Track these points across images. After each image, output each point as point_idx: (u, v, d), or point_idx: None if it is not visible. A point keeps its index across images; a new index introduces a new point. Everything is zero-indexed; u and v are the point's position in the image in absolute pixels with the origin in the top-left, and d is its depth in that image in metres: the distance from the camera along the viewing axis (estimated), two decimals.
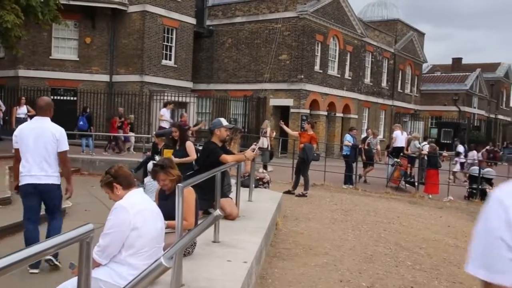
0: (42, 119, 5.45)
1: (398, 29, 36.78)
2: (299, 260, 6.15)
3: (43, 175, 5.35)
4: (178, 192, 3.74)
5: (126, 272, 3.37)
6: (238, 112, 26.70)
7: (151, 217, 3.56)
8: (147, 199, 3.74)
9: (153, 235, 3.52)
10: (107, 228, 3.42)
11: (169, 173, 4.61)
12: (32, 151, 5.33)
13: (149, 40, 23.69)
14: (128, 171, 3.84)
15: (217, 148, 6.49)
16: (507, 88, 54.68)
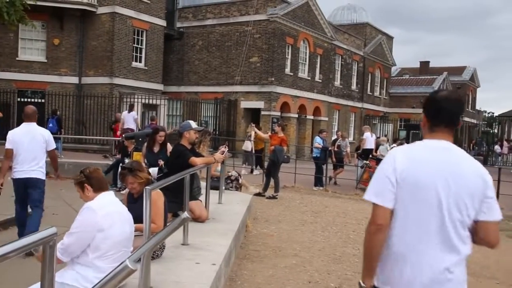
0: (30, 124, 6.46)
1: (367, 33, 37.32)
2: (269, 262, 6.19)
3: (32, 170, 6.35)
4: (145, 195, 3.74)
5: (92, 275, 3.35)
6: (209, 115, 26.65)
7: (119, 220, 3.55)
8: (117, 202, 3.72)
9: (120, 238, 3.51)
10: (73, 227, 3.42)
11: (137, 176, 4.57)
12: (25, 151, 6.32)
13: (119, 42, 23.45)
14: (103, 175, 3.84)
15: (186, 150, 6.45)
16: (472, 91, 55.99)
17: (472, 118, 54.21)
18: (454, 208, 2.32)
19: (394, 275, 2.36)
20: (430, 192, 2.31)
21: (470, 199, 2.34)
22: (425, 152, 2.41)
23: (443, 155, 2.40)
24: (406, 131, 38.14)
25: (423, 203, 2.32)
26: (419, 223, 2.33)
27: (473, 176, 2.37)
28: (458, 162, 2.39)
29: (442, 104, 2.50)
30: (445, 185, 2.31)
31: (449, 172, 2.34)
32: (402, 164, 2.34)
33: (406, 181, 2.32)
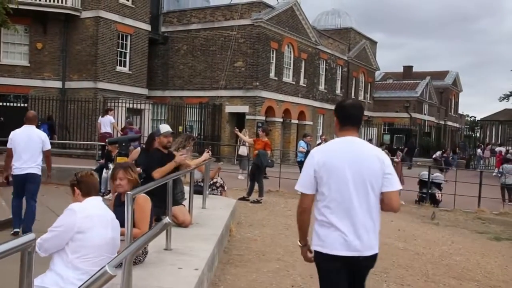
0: (30, 127, 7.53)
1: (351, 38, 37.60)
2: (252, 266, 6.21)
3: (30, 166, 7.36)
4: (127, 199, 3.74)
5: (72, 275, 3.40)
6: (194, 119, 26.60)
7: (100, 224, 3.56)
8: (102, 207, 3.74)
9: (101, 242, 3.53)
10: (53, 225, 3.52)
11: (129, 172, 4.58)
12: (24, 150, 7.33)
13: (103, 46, 23.33)
14: (94, 181, 3.88)
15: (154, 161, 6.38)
16: (455, 95, 56.67)
17: (454, 122, 54.85)
18: (361, 183, 3.17)
19: (327, 237, 3.19)
20: (341, 172, 3.17)
21: (373, 177, 3.19)
22: (337, 145, 3.30)
23: (350, 146, 3.25)
24: (390, 135, 38.44)
25: (339, 180, 3.17)
26: (337, 200, 3.17)
27: (374, 159, 3.23)
28: (362, 150, 3.26)
29: (349, 109, 3.37)
30: (352, 166, 3.16)
31: (354, 157, 3.20)
32: (319, 157, 3.22)
33: (323, 168, 3.18)
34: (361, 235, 3.14)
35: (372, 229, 3.19)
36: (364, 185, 3.16)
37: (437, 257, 8.47)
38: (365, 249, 3.17)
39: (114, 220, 3.75)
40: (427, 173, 16.67)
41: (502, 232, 12.28)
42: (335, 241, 3.14)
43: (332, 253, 3.16)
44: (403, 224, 11.68)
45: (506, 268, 8.64)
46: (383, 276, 6.66)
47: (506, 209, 15.94)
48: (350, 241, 3.12)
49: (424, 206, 15.65)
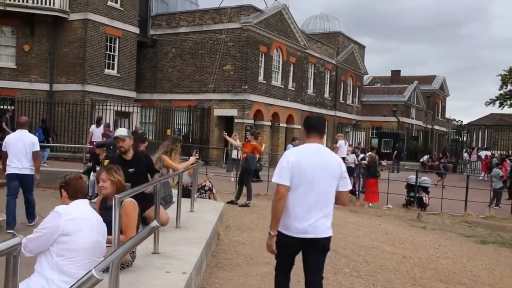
0: (22, 131, 8.35)
1: (340, 42, 37.79)
2: (240, 270, 6.20)
3: (23, 167, 8.15)
4: (115, 203, 3.72)
5: (58, 278, 3.38)
6: (183, 122, 26.55)
7: (87, 227, 3.54)
8: (88, 210, 3.72)
9: (86, 245, 3.51)
10: (38, 226, 3.52)
11: (112, 174, 4.52)
12: (18, 152, 8.12)
13: (91, 48, 23.22)
14: (82, 184, 3.86)
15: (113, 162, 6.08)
16: (442, 99, 57.14)
17: (442, 126, 55.27)
18: (324, 183, 4.03)
19: (290, 223, 4.04)
20: (308, 172, 3.99)
21: (333, 178, 4.07)
22: (306, 149, 4.15)
23: (318, 152, 4.12)
24: (378, 138, 38.67)
25: (305, 180, 3.99)
26: (304, 194, 4.00)
27: (334, 164, 4.11)
28: (326, 157, 4.13)
29: (313, 121, 4.32)
30: (317, 168, 4.01)
31: (320, 161, 4.05)
32: (292, 158, 4.03)
33: (295, 167, 3.99)
34: (317, 221, 4.03)
35: (327, 218, 4.11)
36: (325, 184, 4.06)
37: (424, 261, 8.52)
38: (321, 233, 4.06)
39: (100, 224, 3.73)
40: (414, 177, 16.77)
41: (488, 236, 12.39)
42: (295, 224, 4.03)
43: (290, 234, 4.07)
44: (391, 227, 11.74)
45: (492, 271, 8.72)
46: (370, 279, 6.69)
47: (492, 212, 16.09)
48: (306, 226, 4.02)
49: (412, 210, 15.74)
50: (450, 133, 52.82)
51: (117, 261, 2.78)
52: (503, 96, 28.85)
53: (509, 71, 28.03)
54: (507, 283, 8.08)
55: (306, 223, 4.00)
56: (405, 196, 16.82)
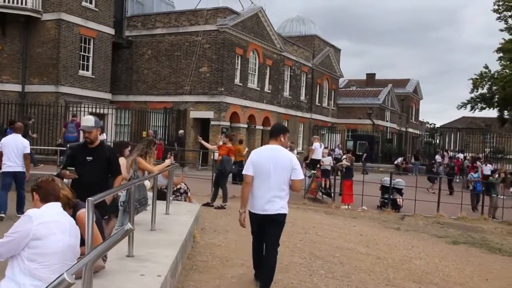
0: (16, 135, 9.85)
1: (316, 45, 38.05)
2: (216, 272, 6.19)
3: (16, 165, 9.62)
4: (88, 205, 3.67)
5: (29, 283, 3.33)
6: (158, 124, 26.36)
7: (59, 231, 3.49)
8: (61, 213, 3.67)
9: (59, 249, 3.45)
10: (9, 231, 3.45)
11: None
12: (12, 152, 9.58)
13: (65, 49, 22.91)
14: (55, 187, 3.78)
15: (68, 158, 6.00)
16: (416, 103, 58.01)
17: (415, 129, 56.10)
18: (277, 174, 5.38)
19: (254, 203, 5.47)
20: (266, 165, 5.40)
21: (285, 169, 5.40)
22: (265, 149, 5.66)
23: (273, 150, 5.53)
24: (353, 141, 38.99)
25: (263, 172, 5.40)
26: (262, 181, 5.39)
27: (286, 159, 5.46)
28: (278, 153, 5.49)
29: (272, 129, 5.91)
30: (272, 162, 5.39)
31: (274, 157, 5.43)
32: (254, 155, 5.55)
33: (256, 162, 5.45)
34: (273, 202, 5.39)
35: (280, 199, 5.42)
36: (278, 174, 5.40)
37: (397, 261, 8.64)
38: (273, 210, 5.38)
39: (73, 227, 3.67)
40: (388, 179, 16.99)
41: (459, 236, 12.63)
42: (256, 203, 5.47)
43: (253, 211, 5.52)
44: (365, 229, 11.87)
45: (463, 271, 8.90)
46: (345, 281, 6.75)
47: (463, 213, 16.41)
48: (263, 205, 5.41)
49: (386, 211, 15.94)
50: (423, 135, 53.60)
51: (90, 264, 2.75)
52: (474, 99, 29.44)
53: (480, 75, 28.60)
54: (477, 282, 8.26)
55: (263, 203, 5.40)
56: (380, 197, 17.04)
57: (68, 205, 4.13)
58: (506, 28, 28.09)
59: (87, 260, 2.65)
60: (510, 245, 12.23)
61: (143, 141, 7.95)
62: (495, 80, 27.60)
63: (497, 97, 28.38)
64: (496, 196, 17.76)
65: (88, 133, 5.85)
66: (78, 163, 5.74)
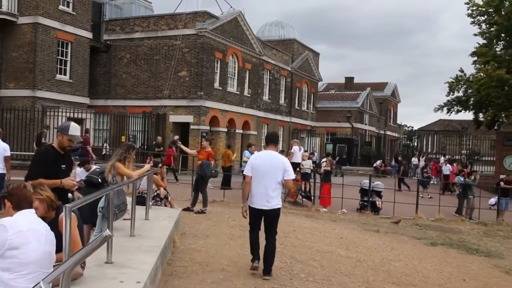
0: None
1: (295, 49, 38.22)
2: (196, 277, 6.16)
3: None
4: (66, 212, 3.62)
5: None
6: (137, 129, 26.19)
7: (35, 239, 3.42)
8: (36, 221, 3.59)
9: (36, 258, 3.38)
10: None
11: (37, 192, 4.19)
12: None
13: (42, 53, 22.62)
14: (27, 193, 3.70)
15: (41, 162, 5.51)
16: (394, 106, 58.62)
17: (394, 132, 56.69)
18: (272, 174, 6.44)
19: (254, 200, 6.48)
20: (263, 167, 6.49)
21: (279, 170, 6.47)
22: (262, 154, 6.96)
23: (268, 155, 6.67)
24: (332, 144, 39.26)
25: (260, 172, 6.45)
26: (259, 180, 6.43)
27: (279, 162, 6.54)
28: (273, 157, 6.60)
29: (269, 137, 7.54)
30: (268, 165, 6.48)
31: (270, 160, 6.52)
32: (254, 160, 6.76)
33: (255, 165, 6.54)
34: (269, 198, 6.46)
35: (276, 196, 6.54)
36: (272, 175, 6.49)
37: (377, 264, 8.71)
38: (271, 205, 6.48)
39: (49, 233, 3.60)
40: (368, 181, 17.13)
41: (437, 238, 12.78)
42: (256, 200, 6.51)
43: (253, 206, 6.54)
44: (345, 232, 11.94)
45: (441, 272, 9.00)
46: (325, 284, 6.77)
47: (441, 215, 16.62)
48: (263, 202, 6.47)
49: (365, 214, 16.06)
50: (401, 138, 54.23)
51: (68, 272, 2.71)
52: (450, 102, 29.79)
53: (456, 78, 29.01)
54: (455, 283, 8.36)
55: (261, 199, 6.46)
56: (359, 200, 17.16)
57: (51, 207, 4.10)
58: (480, 32, 28.57)
59: (65, 267, 2.61)
60: (486, 246, 12.43)
61: (122, 146, 7.86)
62: (470, 84, 28.00)
63: (472, 100, 28.78)
64: (473, 197, 18.03)
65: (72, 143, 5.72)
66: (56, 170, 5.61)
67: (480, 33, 28.83)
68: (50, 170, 5.40)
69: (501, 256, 11.37)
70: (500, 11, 27.47)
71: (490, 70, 25.58)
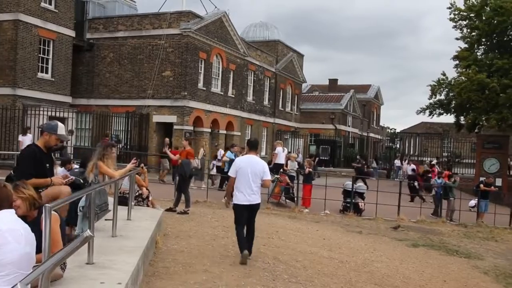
0: None
1: (279, 50, 38.29)
2: (178, 278, 6.12)
3: None
4: (45, 212, 3.55)
5: None
6: (121, 128, 25.97)
7: (14, 239, 3.36)
8: (15, 221, 3.53)
9: (14, 259, 3.32)
10: None
11: (20, 190, 4.15)
12: None
13: (23, 51, 22.31)
14: (7, 193, 3.67)
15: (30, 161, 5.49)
16: (377, 108, 59.09)
17: (377, 134, 57.12)
18: (253, 175, 7.48)
19: (239, 197, 7.47)
20: (245, 169, 7.50)
21: (259, 172, 7.55)
22: (245, 158, 8.04)
23: (251, 159, 7.75)
24: (316, 145, 39.40)
25: (243, 173, 7.48)
26: (243, 180, 7.46)
27: (259, 165, 7.65)
28: (254, 161, 7.69)
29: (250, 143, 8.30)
30: (250, 167, 7.52)
31: (252, 163, 7.61)
32: (239, 162, 7.82)
33: (239, 167, 7.57)
34: (252, 195, 7.46)
35: (256, 193, 7.52)
36: (254, 175, 7.50)
37: (360, 265, 8.75)
38: (254, 201, 7.51)
39: (29, 234, 3.52)
40: (350, 183, 17.21)
41: (419, 239, 12.90)
42: (241, 197, 7.45)
43: (239, 203, 7.47)
44: (328, 233, 11.98)
45: (422, 273, 9.08)
46: (308, 285, 6.78)
47: (422, 217, 16.77)
48: (247, 198, 7.44)
49: (348, 215, 16.14)
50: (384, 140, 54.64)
51: (47, 273, 2.67)
52: (433, 105, 30.08)
53: (438, 82, 29.31)
54: (435, 283, 8.45)
55: (245, 196, 7.44)
56: (342, 202, 17.24)
57: (34, 205, 4.05)
58: (461, 37, 28.93)
59: (44, 269, 2.56)
60: (466, 247, 12.58)
61: (101, 145, 7.74)
62: (452, 87, 28.31)
63: (454, 103, 29.10)
64: (454, 199, 18.23)
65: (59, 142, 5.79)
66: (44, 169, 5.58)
67: (462, 37, 29.18)
68: (39, 170, 5.43)
69: (480, 257, 11.53)
70: (481, 16, 27.86)
71: (471, 74, 25.93)
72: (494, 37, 28.24)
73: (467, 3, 28.43)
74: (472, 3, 28.21)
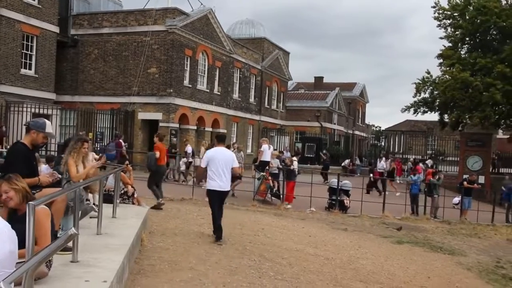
0: None
1: (265, 47, 38.28)
2: (164, 276, 6.09)
3: None
4: (29, 210, 3.51)
5: None
6: (105, 126, 25.76)
7: None
8: None
9: None
10: None
11: (13, 182, 4.16)
12: None
13: (5, 47, 21.99)
14: None
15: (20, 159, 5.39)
16: (362, 106, 59.40)
17: (362, 131, 57.43)
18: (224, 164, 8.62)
19: (213, 184, 8.62)
20: (217, 159, 8.63)
21: (229, 161, 8.74)
22: (216, 149, 9.01)
23: (221, 150, 8.96)
24: (301, 143, 39.49)
25: (215, 163, 8.60)
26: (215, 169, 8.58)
27: (230, 156, 9.02)
28: (224, 152, 8.99)
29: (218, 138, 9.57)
30: (221, 157, 8.68)
31: (222, 154, 8.80)
32: (210, 154, 8.90)
33: (211, 158, 8.71)
34: (223, 182, 8.54)
35: (227, 180, 8.65)
36: (225, 164, 8.56)
37: (345, 262, 8.80)
38: (225, 188, 8.65)
39: (11, 232, 3.46)
40: (336, 180, 17.28)
41: (404, 236, 13.01)
42: (214, 184, 8.51)
43: (212, 189, 8.56)
44: (314, 230, 12.02)
45: (407, 269, 9.16)
46: (294, 282, 6.80)
47: (407, 214, 16.91)
48: (219, 184, 8.51)
49: (334, 213, 16.21)
50: (369, 138, 54.97)
51: (31, 271, 2.63)
52: (417, 103, 30.34)
53: (423, 80, 29.56)
54: (420, 280, 8.53)
55: (217, 183, 8.49)
56: (328, 199, 17.31)
57: (26, 198, 4.02)
58: (445, 36, 29.19)
59: (27, 267, 2.53)
60: (450, 244, 12.72)
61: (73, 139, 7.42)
62: (436, 85, 28.57)
63: (438, 101, 29.37)
64: (437, 196, 18.41)
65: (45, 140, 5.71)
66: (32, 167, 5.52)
67: (446, 36, 29.45)
68: (29, 168, 5.36)
69: (463, 253, 11.67)
70: (464, 15, 28.16)
71: (455, 72, 26.20)
72: (477, 36, 28.58)
73: (451, 2, 28.74)
74: (456, 3, 28.52)
